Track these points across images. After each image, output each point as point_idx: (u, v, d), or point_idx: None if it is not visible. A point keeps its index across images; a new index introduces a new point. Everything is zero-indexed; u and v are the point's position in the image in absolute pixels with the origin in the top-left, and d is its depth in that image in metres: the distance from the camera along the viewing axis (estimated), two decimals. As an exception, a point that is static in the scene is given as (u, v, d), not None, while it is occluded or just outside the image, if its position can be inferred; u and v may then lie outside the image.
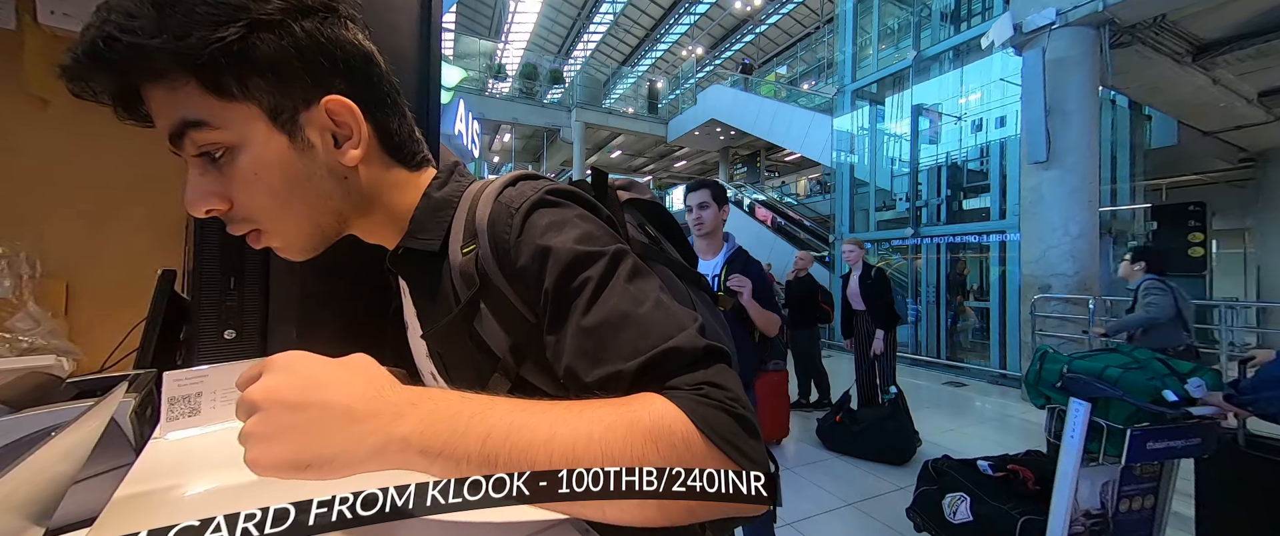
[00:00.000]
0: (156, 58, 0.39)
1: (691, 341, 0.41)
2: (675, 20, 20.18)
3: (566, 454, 0.34)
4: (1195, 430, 1.69)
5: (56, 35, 1.34)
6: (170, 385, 0.62)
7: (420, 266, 0.54)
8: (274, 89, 0.44)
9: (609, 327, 0.42)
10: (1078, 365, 1.82)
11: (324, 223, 0.50)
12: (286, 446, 0.34)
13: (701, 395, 0.38)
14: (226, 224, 0.48)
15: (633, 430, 0.35)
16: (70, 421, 0.40)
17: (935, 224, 7.73)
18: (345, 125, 0.48)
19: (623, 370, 0.40)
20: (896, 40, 9.28)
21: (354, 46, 0.47)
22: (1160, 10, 4.87)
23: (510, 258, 0.47)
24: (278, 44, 0.42)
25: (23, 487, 0.31)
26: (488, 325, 0.49)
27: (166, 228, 1.41)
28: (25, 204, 1.33)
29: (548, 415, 0.36)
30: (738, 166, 18.33)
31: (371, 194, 0.52)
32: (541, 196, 0.49)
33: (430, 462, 0.35)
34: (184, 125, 0.42)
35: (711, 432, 0.36)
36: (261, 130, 0.44)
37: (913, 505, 2.34)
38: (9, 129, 1.32)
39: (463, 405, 0.37)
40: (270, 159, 0.45)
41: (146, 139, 1.59)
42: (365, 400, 0.35)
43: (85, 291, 1.37)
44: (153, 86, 0.42)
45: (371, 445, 0.34)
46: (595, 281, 0.44)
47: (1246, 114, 7.02)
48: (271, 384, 0.35)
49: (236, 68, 0.41)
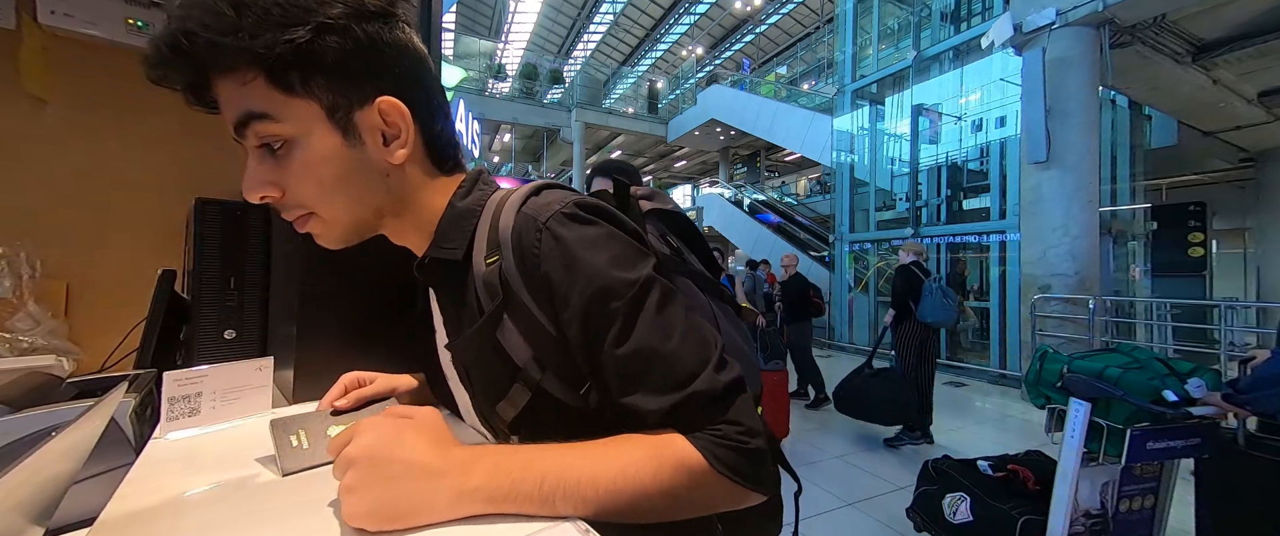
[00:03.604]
0: (231, 54, 0.42)
1: (710, 384, 0.46)
2: (675, 20, 20.18)
3: (610, 488, 0.42)
4: (1195, 430, 1.69)
5: (57, 35, 1.34)
6: (170, 385, 0.62)
7: (446, 275, 0.55)
8: (334, 87, 0.46)
9: (640, 360, 0.46)
10: (1078, 365, 1.82)
11: (363, 217, 0.52)
12: (380, 498, 0.38)
13: (717, 437, 0.45)
14: (279, 211, 0.51)
15: (661, 467, 0.43)
16: (70, 421, 0.40)
17: (935, 224, 7.73)
18: (394, 125, 0.49)
19: (650, 409, 0.45)
20: (896, 40, 9.28)
21: (408, 50, 0.50)
22: (1160, 10, 4.87)
23: (536, 271, 0.48)
24: (340, 46, 0.45)
25: (23, 487, 0.31)
26: (510, 336, 0.50)
27: (166, 228, 1.41)
28: (25, 204, 1.33)
29: (590, 457, 0.43)
30: (738, 166, 18.33)
31: (408, 194, 0.53)
32: (568, 210, 0.49)
33: (498, 507, 0.41)
34: (249, 117, 0.45)
35: (724, 469, 0.44)
36: (319, 126, 0.47)
37: (913, 505, 2.34)
38: (9, 129, 1.32)
39: (516, 456, 0.43)
40: (324, 153, 0.47)
41: (147, 139, 1.59)
42: (438, 458, 0.41)
43: (85, 291, 1.37)
44: (224, 79, 0.45)
45: (448, 498, 0.40)
46: (625, 312, 0.46)
47: (1246, 114, 7.02)
48: (363, 442, 0.40)
49: (302, 66, 0.44)
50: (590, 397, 0.50)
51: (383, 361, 0.72)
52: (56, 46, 1.35)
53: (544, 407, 0.50)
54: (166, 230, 1.41)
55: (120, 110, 1.43)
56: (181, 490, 0.48)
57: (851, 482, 3.21)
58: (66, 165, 1.38)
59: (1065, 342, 4.76)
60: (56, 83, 1.36)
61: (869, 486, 3.14)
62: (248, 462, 0.55)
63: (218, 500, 0.47)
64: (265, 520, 0.43)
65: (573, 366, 0.50)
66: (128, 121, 1.44)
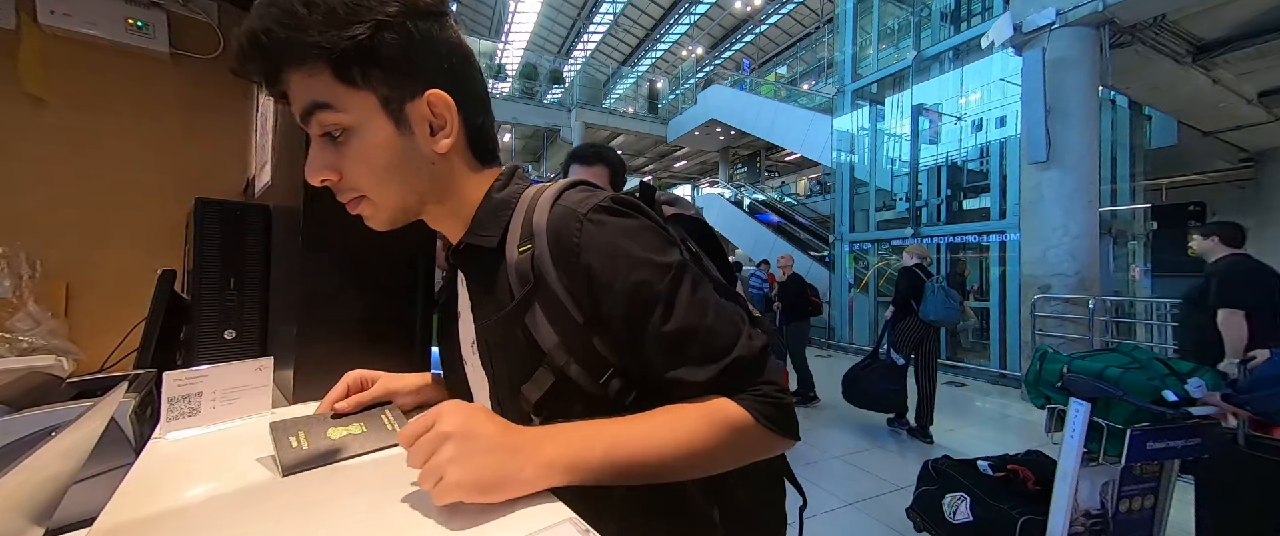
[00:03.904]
0: (301, 49, 0.47)
1: (748, 349, 0.52)
2: (675, 20, 20.18)
3: (673, 452, 0.48)
4: (1195, 430, 1.69)
5: (57, 35, 1.34)
6: (170, 385, 0.62)
7: (479, 261, 0.58)
8: (388, 80, 0.50)
9: (683, 336, 0.51)
10: (1078, 365, 1.82)
11: (409, 202, 0.55)
12: (481, 468, 0.42)
13: (759, 396, 0.52)
14: (336, 193, 0.55)
15: (713, 429, 0.49)
16: (70, 421, 0.40)
17: (935, 224, 7.73)
18: (441, 117, 0.53)
19: (697, 380, 0.51)
20: (896, 40, 9.28)
21: (457, 47, 0.54)
22: (1160, 10, 4.87)
23: (575, 261, 0.51)
24: (396, 41, 0.49)
25: (23, 487, 0.31)
26: (538, 322, 0.53)
27: (166, 228, 1.41)
28: (25, 204, 1.33)
29: (648, 426, 0.49)
30: (738, 166, 18.32)
31: (450, 182, 0.56)
32: (607, 204, 0.53)
33: (573, 477, 0.45)
34: (314, 106, 0.49)
35: (768, 422, 0.51)
36: (374, 116, 0.50)
37: (913, 505, 2.34)
38: (9, 129, 1.32)
39: (580, 431, 0.48)
40: (378, 141, 0.51)
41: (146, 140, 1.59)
42: (515, 435, 0.45)
43: (85, 291, 1.38)
44: (295, 71, 0.49)
45: (532, 471, 0.44)
46: (667, 293, 0.50)
47: (1246, 114, 7.02)
48: (456, 419, 0.44)
49: (362, 61, 0.48)
50: (610, 386, 0.53)
51: (383, 361, 0.72)
52: (56, 46, 1.35)
53: (565, 392, 0.53)
54: (166, 230, 1.41)
55: (120, 111, 1.43)
56: (181, 490, 0.49)
57: (851, 482, 3.21)
58: (66, 165, 1.38)
59: (1065, 342, 4.76)
60: (56, 83, 1.36)
61: (869, 486, 3.14)
62: (248, 463, 0.55)
63: (217, 500, 0.47)
64: (265, 520, 0.43)
65: (594, 355, 0.53)
66: (127, 122, 1.44)
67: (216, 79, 1.52)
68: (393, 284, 0.85)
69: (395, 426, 0.60)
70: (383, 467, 0.53)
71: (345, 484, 0.50)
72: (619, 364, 0.53)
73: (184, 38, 1.48)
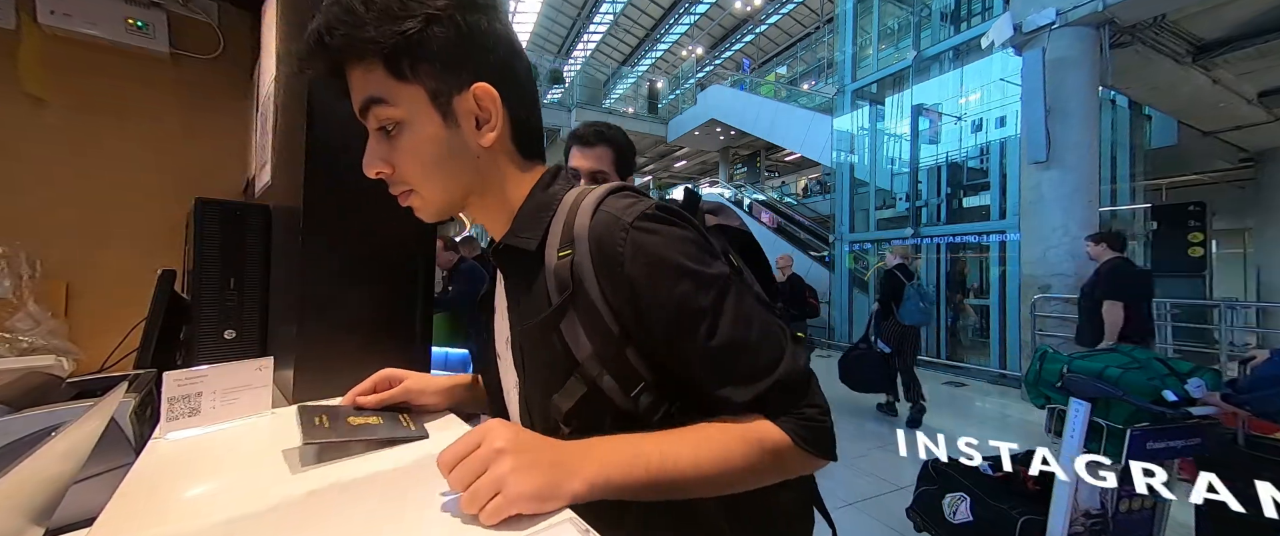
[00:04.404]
0: (359, 45, 0.48)
1: (791, 369, 0.51)
2: (675, 20, 20.17)
3: (711, 470, 0.48)
4: (1195, 430, 1.69)
5: (56, 35, 1.34)
6: (170, 385, 0.62)
7: (517, 262, 0.58)
8: (437, 73, 0.51)
9: (728, 352, 0.50)
10: (1078, 365, 1.82)
11: (454, 194, 0.56)
12: (539, 478, 0.42)
13: (801, 420, 0.51)
14: (388, 185, 0.55)
15: (752, 450, 0.49)
16: (70, 421, 0.40)
17: (935, 224, 7.73)
18: (486, 110, 0.53)
19: (740, 400, 0.50)
20: (896, 40, 9.27)
21: (504, 41, 0.54)
22: (1160, 10, 4.87)
23: (617, 270, 0.50)
24: (444, 35, 0.50)
25: (23, 487, 0.31)
26: (573, 330, 0.52)
27: (166, 228, 1.41)
28: (25, 204, 1.33)
29: (687, 442, 0.48)
30: (738, 166, 18.31)
31: (494, 177, 0.57)
32: (652, 212, 0.52)
33: (616, 491, 0.45)
34: (370, 101, 0.51)
35: (805, 446, 0.51)
36: (423, 109, 0.51)
37: (913, 505, 2.34)
38: (9, 129, 1.32)
39: (621, 445, 0.47)
40: (427, 134, 0.52)
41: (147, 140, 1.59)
42: (556, 450, 0.46)
43: (85, 291, 1.38)
44: (355, 67, 0.50)
45: (578, 484, 0.44)
46: (712, 307, 0.50)
47: (1246, 114, 7.01)
48: (507, 435, 0.44)
49: (412, 54, 0.49)
50: (640, 401, 0.52)
51: (382, 361, 0.72)
52: (56, 46, 1.35)
53: (596, 404, 0.52)
54: (166, 230, 1.41)
55: (120, 111, 1.43)
56: (181, 490, 0.49)
57: (851, 482, 3.21)
58: (66, 165, 1.38)
59: (1065, 342, 4.76)
60: (56, 83, 1.36)
61: (869, 486, 3.14)
62: (248, 462, 0.55)
63: (217, 500, 0.47)
64: (265, 520, 0.43)
65: (627, 367, 0.52)
66: (127, 122, 1.44)
67: (216, 79, 1.52)
68: (392, 284, 0.85)
69: (410, 425, 0.63)
70: (386, 468, 0.53)
71: (347, 484, 0.50)
72: (651, 378, 0.52)
73: (184, 38, 1.48)
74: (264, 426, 0.66)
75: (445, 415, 0.70)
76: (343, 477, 0.51)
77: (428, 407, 0.69)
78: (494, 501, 0.40)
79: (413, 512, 0.44)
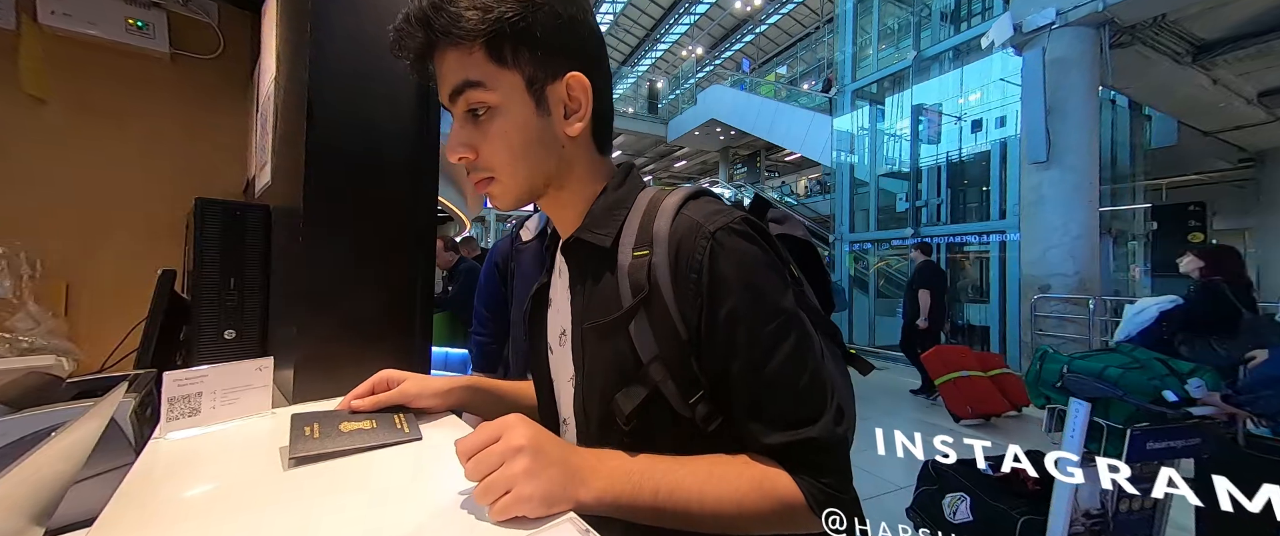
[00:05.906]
0: (464, 25, 0.48)
1: (825, 434, 0.49)
2: (675, 20, 20.16)
3: (715, 508, 0.47)
4: (1195, 430, 1.69)
5: (56, 35, 1.34)
6: (170, 385, 0.62)
7: (587, 257, 0.57)
8: (535, 61, 0.51)
9: (768, 388, 0.49)
10: (1078, 365, 1.82)
11: (536, 181, 0.56)
12: (549, 481, 0.42)
13: (822, 485, 0.49)
14: (468, 170, 0.55)
15: (763, 499, 0.48)
16: (70, 421, 0.40)
17: (935, 224, 7.73)
18: (577, 100, 0.54)
19: (766, 443, 0.49)
20: (896, 40, 9.27)
21: (595, 32, 0.55)
22: (1160, 10, 4.87)
23: (694, 275, 0.50)
24: (546, 23, 0.50)
25: (23, 487, 0.31)
26: (643, 331, 0.52)
27: (166, 227, 1.41)
28: (25, 204, 1.33)
29: (697, 476, 0.48)
30: (738, 166, 18.31)
31: (573, 168, 0.57)
32: (739, 226, 0.51)
33: (616, 512, 0.45)
34: (465, 84, 0.51)
35: (818, 510, 0.48)
36: (518, 95, 0.52)
37: (913, 505, 2.34)
38: (9, 129, 1.32)
39: (633, 465, 0.48)
40: (519, 121, 0.52)
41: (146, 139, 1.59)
42: (571, 455, 0.46)
43: (85, 291, 1.37)
44: (452, 49, 0.50)
45: (585, 494, 0.44)
46: (770, 339, 0.49)
47: (1246, 114, 7.01)
48: (526, 433, 0.44)
49: (515, 40, 0.50)
50: (698, 408, 0.51)
51: (382, 361, 0.72)
52: (56, 46, 1.35)
53: (657, 407, 0.52)
54: (166, 230, 1.41)
55: (120, 111, 1.43)
56: (181, 490, 0.49)
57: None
58: (67, 165, 1.38)
59: (1065, 342, 4.76)
60: (56, 83, 1.36)
61: (869, 486, 3.14)
62: (248, 462, 0.55)
63: (217, 500, 0.47)
64: (264, 520, 0.43)
65: (690, 374, 0.51)
66: (128, 122, 1.44)
67: (216, 79, 1.52)
68: (392, 284, 0.85)
69: (405, 427, 0.62)
70: (384, 468, 0.53)
71: (347, 483, 0.50)
72: (710, 388, 0.52)
73: (184, 38, 1.48)
74: (264, 426, 0.66)
75: (444, 416, 0.70)
76: (342, 477, 0.51)
77: (426, 409, 0.69)
78: (503, 499, 0.41)
79: (411, 506, 0.44)
